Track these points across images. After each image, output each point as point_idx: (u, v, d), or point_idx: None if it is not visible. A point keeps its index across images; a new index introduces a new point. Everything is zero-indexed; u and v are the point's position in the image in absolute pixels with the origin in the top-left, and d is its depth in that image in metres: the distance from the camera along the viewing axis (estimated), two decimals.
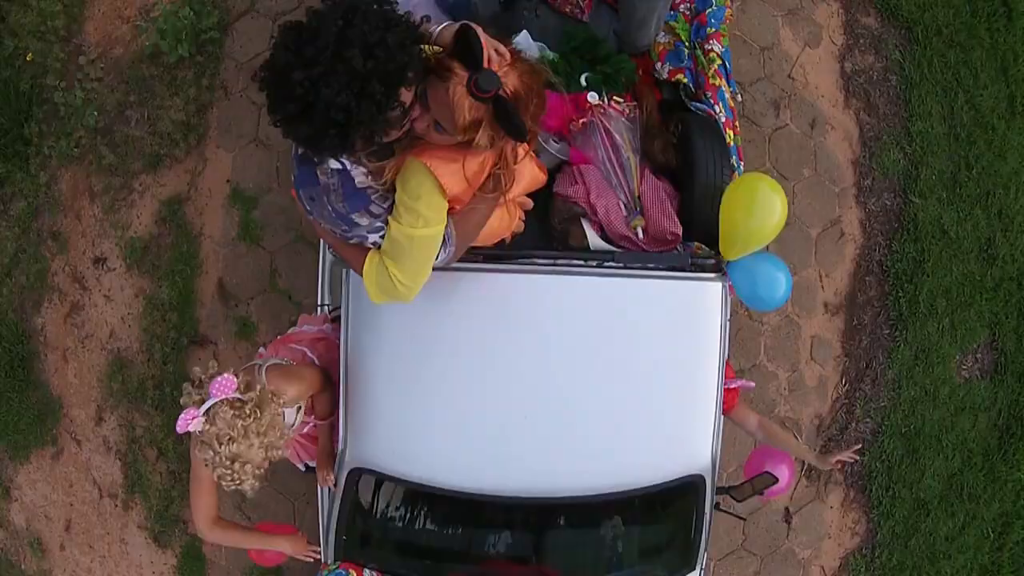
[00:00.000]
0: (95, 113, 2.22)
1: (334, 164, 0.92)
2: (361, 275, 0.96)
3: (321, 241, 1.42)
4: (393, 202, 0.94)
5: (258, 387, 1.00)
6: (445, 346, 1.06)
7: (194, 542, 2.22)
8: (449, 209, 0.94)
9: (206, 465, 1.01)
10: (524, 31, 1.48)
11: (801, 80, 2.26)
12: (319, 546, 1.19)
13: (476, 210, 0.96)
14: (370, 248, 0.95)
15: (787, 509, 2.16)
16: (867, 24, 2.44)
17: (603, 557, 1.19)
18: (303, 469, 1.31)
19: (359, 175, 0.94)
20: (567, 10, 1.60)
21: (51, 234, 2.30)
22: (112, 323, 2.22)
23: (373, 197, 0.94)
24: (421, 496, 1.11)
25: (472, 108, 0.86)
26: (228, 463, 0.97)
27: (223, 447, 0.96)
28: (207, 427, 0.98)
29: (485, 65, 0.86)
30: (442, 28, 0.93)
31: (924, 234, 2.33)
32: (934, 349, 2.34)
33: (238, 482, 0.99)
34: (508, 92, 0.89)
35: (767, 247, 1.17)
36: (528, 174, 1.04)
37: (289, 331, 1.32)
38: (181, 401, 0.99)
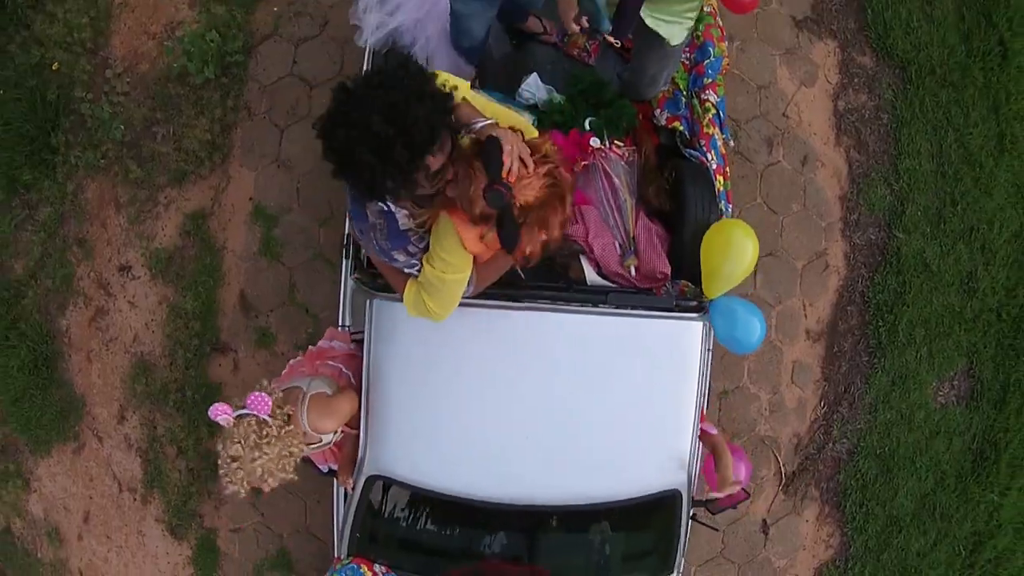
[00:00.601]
0: (122, 127, 2.40)
1: (381, 206, 1.10)
2: (401, 297, 1.17)
3: (343, 268, 1.63)
4: (428, 245, 1.13)
5: (287, 415, 1.17)
6: (456, 372, 1.28)
7: (209, 535, 2.42)
8: (474, 258, 1.15)
9: (218, 449, 1.18)
10: (534, 73, 1.66)
11: (795, 118, 2.46)
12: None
13: (495, 262, 1.16)
14: (410, 275, 1.15)
15: (764, 521, 2.38)
16: (862, 63, 2.62)
17: (591, 560, 1.40)
18: (325, 471, 1.51)
19: (402, 217, 1.12)
20: (575, 53, 1.80)
21: (77, 241, 2.48)
22: (136, 328, 2.41)
23: (412, 239, 1.14)
24: (430, 501, 1.32)
25: (484, 207, 1.02)
26: (228, 460, 1.15)
27: (232, 446, 1.14)
28: (230, 426, 1.16)
29: (504, 177, 0.99)
30: (484, 125, 1.07)
31: (906, 267, 2.53)
32: (911, 376, 2.54)
33: (227, 478, 1.16)
34: (522, 202, 1.02)
35: (748, 295, 1.36)
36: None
37: (320, 343, 1.49)
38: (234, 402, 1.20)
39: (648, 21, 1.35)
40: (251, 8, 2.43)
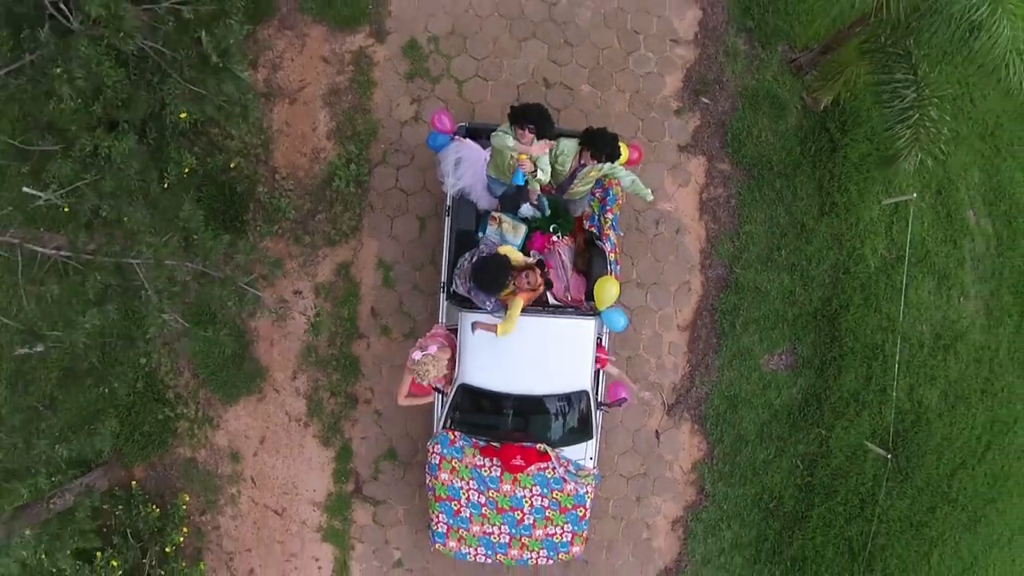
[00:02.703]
0: (292, 211, 4.74)
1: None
2: (496, 332, 3.61)
3: (442, 297, 4.05)
4: (505, 307, 3.63)
5: (436, 354, 3.64)
6: (491, 340, 3.71)
7: (347, 443, 4.80)
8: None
9: (410, 371, 3.67)
10: (527, 203, 4.02)
11: (673, 206, 4.82)
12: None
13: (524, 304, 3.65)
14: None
15: (657, 432, 4.76)
16: (722, 169, 4.98)
17: (552, 425, 3.90)
18: (438, 387, 3.93)
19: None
20: (552, 193, 4.19)
21: (262, 276, 4.83)
22: (305, 326, 4.75)
23: (498, 304, 3.65)
24: (481, 393, 3.78)
25: (537, 287, 3.62)
26: (419, 372, 3.61)
27: (418, 367, 3.61)
28: (418, 359, 3.61)
29: (526, 288, 3.61)
30: (526, 261, 3.71)
31: (743, 289, 4.88)
32: (747, 351, 4.89)
33: (421, 379, 3.63)
34: (531, 289, 3.62)
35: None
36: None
37: (434, 329, 3.91)
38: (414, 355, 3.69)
39: (567, 195, 3.83)
40: (368, 144, 4.79)
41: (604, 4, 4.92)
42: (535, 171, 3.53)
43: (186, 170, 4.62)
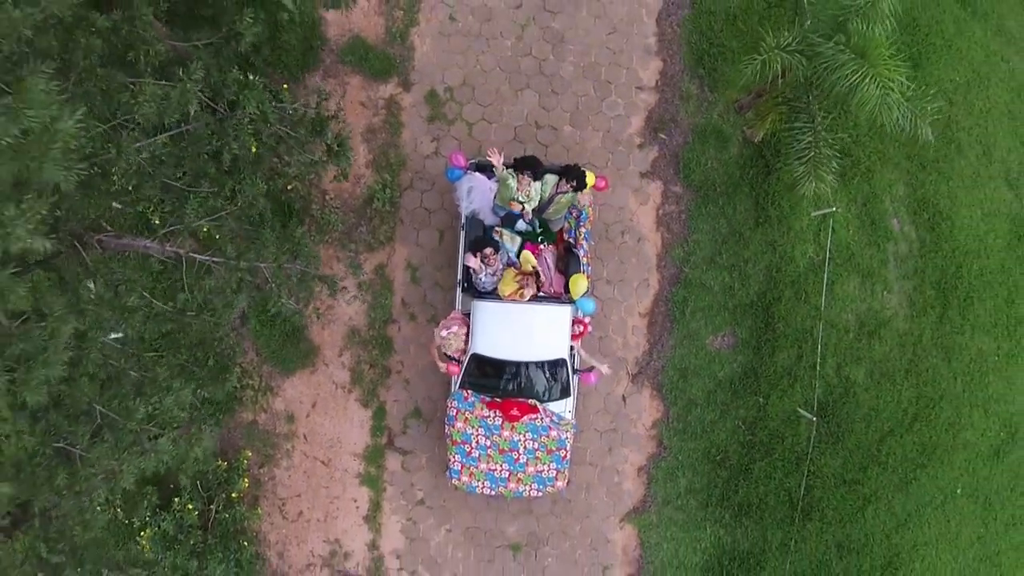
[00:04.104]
0: (340, 224, 6.62)
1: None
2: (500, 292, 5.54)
3: (459, 289, 5.87)
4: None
5: (456, 332, 5.50)
6: (496, 320, 5.59)
7: (382, 404, 6.66)
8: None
9: (437, 343, 5.64)
10: (520, 220, 5.90)
11: (635, 221, 6.68)
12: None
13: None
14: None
15: (623, 396, 6.61)
16: (675, 190, 6.82)
17: (539, 386, 5.78)
18: (456, 358, 5.78)
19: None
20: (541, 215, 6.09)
21: (317, 276, 6.73)
22: (349, 313, 6.62)
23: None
24: (488, 360, 5.67)
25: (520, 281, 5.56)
26: (445, 344, 5.53)
27: (444, 342, 5.55)
28: (445, 336, 5.53)
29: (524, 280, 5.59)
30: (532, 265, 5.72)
31: (691, 285, 6.70)
32: (694, 334, 6.71)
33: (446, 349, 5.54)
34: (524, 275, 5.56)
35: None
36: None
37: (451, 314, 5.75)
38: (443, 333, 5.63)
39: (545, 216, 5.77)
40: (398, 173, 6.67)
41: (583, 59, 6.77)
42: (523, 208, 5.49)
43: (257, 192, 6.52)
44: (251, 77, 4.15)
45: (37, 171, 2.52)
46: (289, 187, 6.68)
